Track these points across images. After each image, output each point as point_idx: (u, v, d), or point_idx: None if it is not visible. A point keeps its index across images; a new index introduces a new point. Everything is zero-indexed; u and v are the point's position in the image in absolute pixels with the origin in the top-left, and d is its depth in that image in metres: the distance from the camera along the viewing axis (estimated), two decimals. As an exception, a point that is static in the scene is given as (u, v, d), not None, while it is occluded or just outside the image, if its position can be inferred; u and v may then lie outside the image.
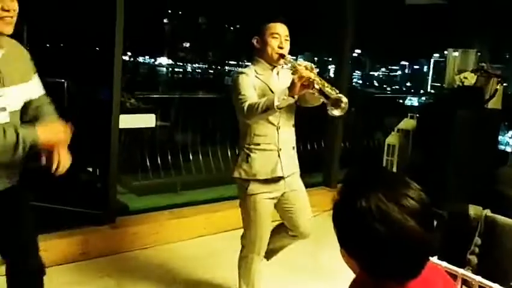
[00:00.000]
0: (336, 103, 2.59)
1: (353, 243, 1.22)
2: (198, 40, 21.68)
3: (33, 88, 2.28)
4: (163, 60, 21.33)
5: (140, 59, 20.65)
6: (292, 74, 2.68)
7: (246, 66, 3.04)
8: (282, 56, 2.84)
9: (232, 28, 21.47)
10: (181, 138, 6.04)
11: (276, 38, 2.84)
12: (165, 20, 19.85)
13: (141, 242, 4.11)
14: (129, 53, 17.75)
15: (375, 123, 7.91)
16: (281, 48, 2.83)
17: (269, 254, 3.26)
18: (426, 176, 5.45)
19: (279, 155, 2.90)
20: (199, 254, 4.13)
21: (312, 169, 5.65)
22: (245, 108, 2.71)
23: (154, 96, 7.33)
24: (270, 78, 2.90)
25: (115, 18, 3.79)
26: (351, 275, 1.38)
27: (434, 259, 2.09)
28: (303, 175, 3.15)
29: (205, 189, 5.37)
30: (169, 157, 5.58)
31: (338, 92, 2.62)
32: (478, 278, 1.90)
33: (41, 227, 2.40)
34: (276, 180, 2.92)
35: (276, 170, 2.89)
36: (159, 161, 5.48)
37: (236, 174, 2.93)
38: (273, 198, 2.97)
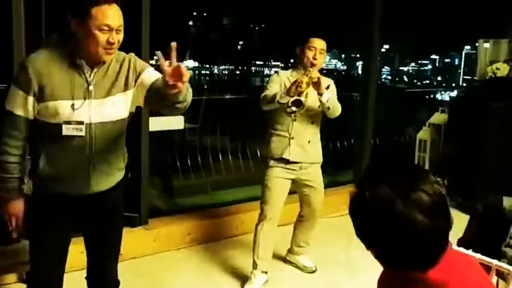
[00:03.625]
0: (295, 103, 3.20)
1: (367, 236, 1.26)
2: (223, 41, 21.74)
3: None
4: (190, 63, 21.46)
5: (167, 62, 20.79)
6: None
7: (274, 66, 3.41)
8: (313, 65, 3.39)
9: (257, 28, 21.47)
10: (210, 139, 6.07)
11: (312, 50, 3.40)
12: (190, 23, 19.97)
13: (174, 243, 4.16)
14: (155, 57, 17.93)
15: (405, 118, 7.82)
16: (315, 59, 3.39)
17: (297, 248, 3.94)
18: (459, 170, 5.46)
19: (289, 142, 3.48)
20: (233, 253, 4.15)
21: (343, 167, 5.62)
22: (261, 96, 3.39)
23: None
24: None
25: (141, 23, 3.82)
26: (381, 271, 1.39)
27: (468, 251, 2.05)
28: (334, 173, 3.31)
29: (235, 189, 5.39)
30: (199, 158, 5.60)
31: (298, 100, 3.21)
32: None
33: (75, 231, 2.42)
34: (289, 162, 3.49)
35: (285, 152, 3.48)
36: (189, 162, 5.51)
37: (260, 151, 3.64)
38: (288, 178, 3.54)
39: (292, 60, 3.65)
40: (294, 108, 3.20)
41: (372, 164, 1.36)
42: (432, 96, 10.45)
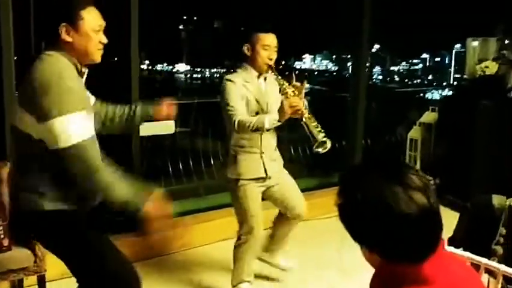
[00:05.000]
0: (321, 144, 2.89)
1: (366, 235, 1.24)
2: (214, 45, 21.76)
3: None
4: (181, 67, 21.45)
5: (159, 67, 20.80)
6: (281, 93, 3.00)
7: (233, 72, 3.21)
8: (270, 66, 3.07)
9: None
10: (202, 143, 6.06)
11: (267, 49, 3.05)
12: (181, 27, 19.98)
13: (167, 248, 4.14)
14: (147, 61, 17.93)
15: (396, 118, 7.84)
16: (271, 59, 3.06)
17: (275, 246, 3.61)
18: (450, 169, 5.48)
19: (261, 157, 3.18)
20: (226, 256, 4.13)
21: (334, 168, 5.63)
22: (236, 122, 2.97)
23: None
24: (256, 87, 3.14)
25: (130, 27, 3.83)
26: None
27: (458, 250, 2.06)
28: (325, 175, 3.26)
29: (227, 192, 5.35)
30: (191, 162, 5.59)
31: (323, 133, 2.90)
32: (502, 267, 1.86)
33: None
34: (261, 178, 3.21)
35: (260, 171, 3.18)
36: (181, 166, 5.50)
37: (228, 174, 3.21)
38: (260, 187, 3.24)
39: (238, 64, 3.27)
40: (319, 150, 2.93)
41: (347, 170, 1.34)
42: (423, 95, 10.48)
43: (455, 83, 18.40)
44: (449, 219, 2.95)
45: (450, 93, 9.07)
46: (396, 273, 1.25)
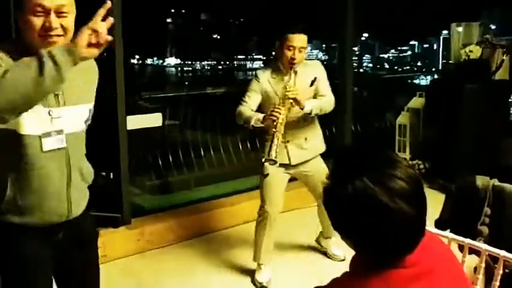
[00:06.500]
0: (272, 161, 3.07)
1: (346, 228, 1.24)
2: (203, 37, 21.71)
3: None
4: (172, 61, 21.40)
5: (149, 61, 20.75)
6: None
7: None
8: (292, 66, 3.28)
9: (237, 22, 21.46)
10: (192, 135, 6.07)
11: (291, 49, 3.26)
12: (169, 20, 19.90)
13: (159, 241, 4.15)
14: (137, 56, 17.87)
15: (386, 104, 7.87)
16: (293, 59, 3.26)
17: (324, 232, 3.92)
18: (438, 153, 5.52)
19: (286, 146, 3.40)
20: (219, 248, 4.17)
21: (322, 155, 5.64)
22: (236, 110, 3.36)
23: (162, 95, 7.35)
24: (281, 82, 3.33)
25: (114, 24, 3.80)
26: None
27: (445, 232, 2.08)
28: None
29: (218, 184, 5.38)
30: (181, 155, 5.60)
31: (274, 158, 3.04)
32: (485, 246, 1.89)
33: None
34: (291, 166, 3.46)
35: (283, 158, 3.36)
36: (171, 159, 5.51)
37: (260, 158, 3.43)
38: (286, 173, 3.49)
39: (272, 56, 3.50)
40: (271, 164, 3.11)
41: (341, 154, 1.32)
42: (411, 81, 10.52)
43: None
44: (440, 202, 2.98)
45: (437, 78, 9.10)
46: (375, 261, 1.25)
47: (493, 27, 6.69)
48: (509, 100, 5.69)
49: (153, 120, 4.13)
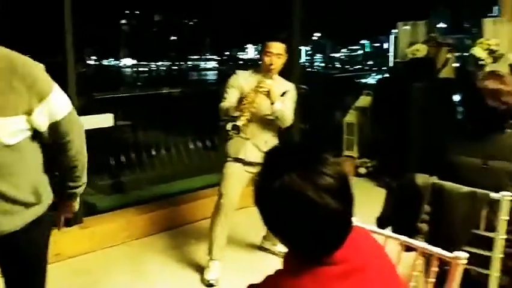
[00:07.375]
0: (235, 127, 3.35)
1: (275, 224, 1.25)
2: (158, 38, 21.58)
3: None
4: (127, 61, 21.22)
5: (105, 62, 20.49)
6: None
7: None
8: (270, 70, 3.53)
9: (191, 23, 21.40)
10: (145, 135, 6.08)
11: (269, 56, 3.52)
12: (123, 21, 19.72)
13: (111, 240, 4.18)
14: (94, 57, 17.63)
15: (335, 103, 8.00)
16: (271, 64, 3.51)
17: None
18: (385, 151, 5.65)
19: (245, 143, 3.60)
20: (170, 245, 4.22)
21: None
22: (219, 106, 3.53)
23: (115, 95, 7.32)
24: (254, 84, 3.51)
25: (64, 26, 3.78)
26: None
27: (386, 231, 2.12)
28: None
29: (170, 182, 5.44)
30: (133, 154, 5.61)
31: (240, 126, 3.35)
32: (421, 244, 1.93)
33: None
34: (246, 163, 3.60)
35: (240, 152, 3.61)
36: (123, 159, 5.52)
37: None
38: (246, 172, 3.61)
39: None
40: (234, 132, 3.38)
41: (272, 151, 1.34)
42: (362, 80, 10.73)
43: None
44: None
45: (384, 77, 9.28)
46: (306, 259, 1.27)
47: (444, 26, 6.85)
48: (454, 98, 5.85)
49: (104, 120, 4.12)
